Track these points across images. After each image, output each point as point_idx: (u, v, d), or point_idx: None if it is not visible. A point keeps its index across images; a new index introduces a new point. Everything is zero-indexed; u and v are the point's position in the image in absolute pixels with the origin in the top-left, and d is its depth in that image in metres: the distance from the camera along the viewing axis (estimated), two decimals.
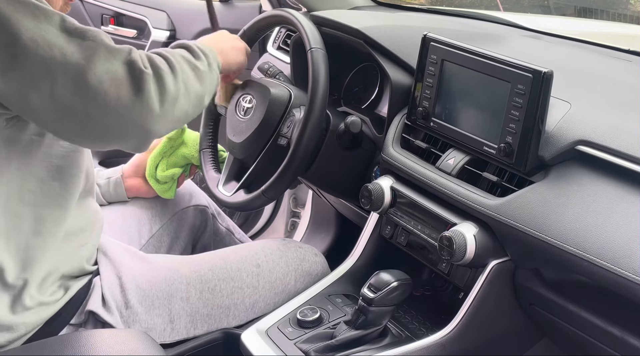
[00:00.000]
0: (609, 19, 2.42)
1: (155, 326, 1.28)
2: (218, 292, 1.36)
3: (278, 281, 1.44)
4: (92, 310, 1.21)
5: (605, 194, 1.07)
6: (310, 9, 1.82)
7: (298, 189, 2.21)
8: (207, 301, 1.34)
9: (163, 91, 1.01)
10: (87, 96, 0.95)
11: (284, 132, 1.47)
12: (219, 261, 1.41)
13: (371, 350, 1.22)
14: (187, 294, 1.32)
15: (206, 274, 1.36)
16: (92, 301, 1.22)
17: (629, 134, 1.10)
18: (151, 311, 1.27)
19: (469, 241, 1.16)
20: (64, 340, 1.11)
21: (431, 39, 1.31)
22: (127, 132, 1.01)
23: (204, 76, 1.13)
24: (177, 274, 1.33)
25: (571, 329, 1.17)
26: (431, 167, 1.31)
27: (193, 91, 1.09)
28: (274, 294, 1.43)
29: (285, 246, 1.52)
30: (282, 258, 1.47)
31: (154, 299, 1.28)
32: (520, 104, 1.13)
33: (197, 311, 1.33)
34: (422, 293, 1.44)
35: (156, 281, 1.30)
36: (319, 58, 1.40)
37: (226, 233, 1.69)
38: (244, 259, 1.43)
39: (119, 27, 2.68)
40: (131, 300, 1.25)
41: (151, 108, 0.99)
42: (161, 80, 1.01)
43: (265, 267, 1.43)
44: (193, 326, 1.32)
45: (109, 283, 1.25)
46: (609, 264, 0.99)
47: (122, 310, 1.24)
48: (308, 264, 1.50)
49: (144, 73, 0.99)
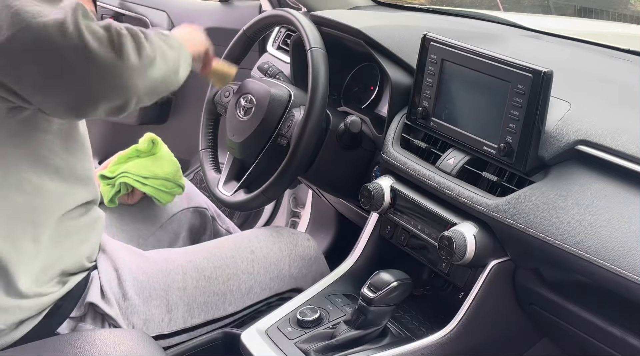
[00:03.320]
0: (609, 19, 2.42)
1: (154, 317, 1.29)
2: (214, 279, 1.38)
3: (272, 266, 1.46)
4: (91, 301, 1.22)
5: (604, 194, 1.07)
6: (310, 9, 1.82)
7: (298, 189, 2.21)
8: (203, 289, 1.36)
9: (140, 47, 1.05)
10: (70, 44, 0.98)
11: (283, 132, 1.47)
12: (214, 250, 1.43)
13: (371, 350, 1.22)
14: (183, 284, 1.34)
15: (201, 263, 1.38)
16: (91, 294, 1.23)
17: (628, 134, 1.10)
18: (149, 302, 1.29)
19: (469, 241, 1.16)
20: (64, 340, 1.11)
21: (431, 39, 1.31)
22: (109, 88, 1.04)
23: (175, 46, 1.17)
24: (173, 264, 1.36)
25: (571, 329, 1.17)
26: (431, 167, 1.31)
27: (169, 55, 1.13)
28: (269, 279, 1.45)
29: (278, 232, 1.54)
30: (276, 244, 1.49)
31: (151, 290, 1.30)
32: (520, 104, 1.13)
33: (194, 299, 1.34)
34: (422, 293, 1.44)
35: (153, 273, 1.32)
36: (319, 58, 1.40)
37: (226, 234, 1.69)
38: (238, 247, 1.45)
39: None
40: (129, 291, 1.27)
41: (130, 61, 1.03)
42: (138, 39, 1.06)
43: (260, 253, 1.45)
44: (190, 315, 1.34)
45: (106, 275, 1.27)
46: (608, 264, 0.99)
47: (121, 301, 1.26)
48: (301, 248, 1.52)
49: (122, 34, 1.03)
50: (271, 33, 1.97)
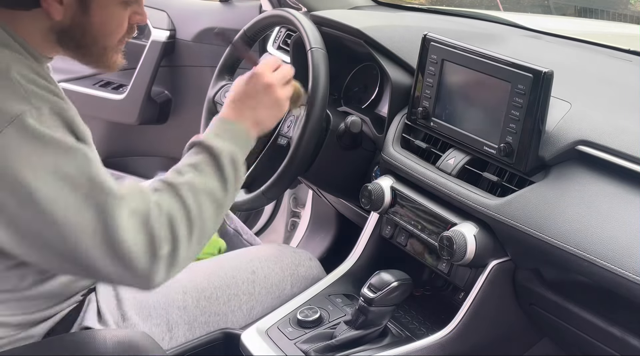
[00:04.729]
0: (609, 19, 2.42)
1: (154, 336, 1.26)
2: (214, 300, 1.35)
3: (274, 287, 1.43)
4: (88, 326, 1.19)
5: (605, 194, 1.07)
6: (310, 9, 1.82)
7: (298, 189, 2.20)
8: (204, 309, 1.33)
9: (173, 264, 0.99)
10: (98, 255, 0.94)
11: (284, 132, 1.47)
12: (214, 269, 1.40)
13: (371, 350, 1.22)
14: (184, 303, 1.31)
15: (202, 283, 1.35)
16: (88, 317, 1.20)
17: (629, 134, 1.10)
18: (149, 321, 1.27)
19: (469, 241, 1.16)
20: (64, 340, 1.11)
21: (431, 39, 1.31)
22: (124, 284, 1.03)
23: (227, 203, 1.08)
24: (172, 283, 1.32)
25: (571, 329, 1.17)
26: (431, 167, 1.31)
27: (211, 230, 1.06)
28: (270, 300, 1.42)
29: (280, 251, 1.51)
30: (277, 264, 1.46)
31: (150, 309, 1.28)
32: (521, 104, 1.13)
33: (195, 319, 1.32)
34: (422, 293, 1.43)
35: (152, 292, 1.30)
36: (319, 58, 1.40)
37: (234, 234, 1.69)
38: (239, 267, 1.42)
39: None
40: (128, 311, 1.25)
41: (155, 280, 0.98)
42: (175, 255, 0.99)
43: (261, 273, 1.43)
44: (191, 333, 1.32)
45: (105, 296, 1.24)
46: (609, 264, 0.99)
47: (120, 322, 1.23)
48: (304, 269, 1.49)
49: (159, 254, 0.96)
50: (271, 33, 1.97)
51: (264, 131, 1.18)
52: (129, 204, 0.95)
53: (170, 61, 2.53)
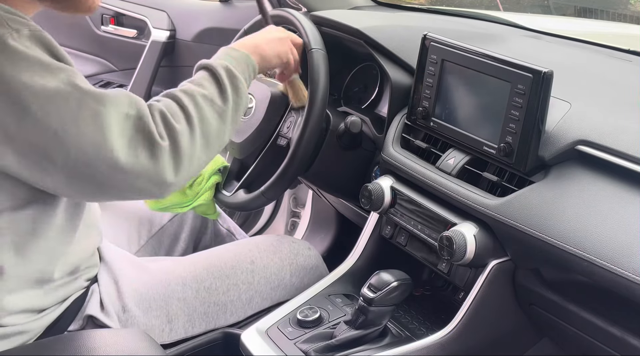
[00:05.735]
0: (609, 19, 2.42)
1: (154, 328, 1.28)
2: (214, 290, 1.36)
3: (273, 276, 1.45)
4: (91, 314, 1.21)
5: (605, 194, 1.07)
6: (310, 9, 1.82)
7: (298, 189, 2.21)
8: (203, 300, 1.35)
9: (178, 160, 1.03)
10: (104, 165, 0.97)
11: (284, 132, 1.47)
12: (213, 260, 1.42)
13: (371, 350, 1.22)
14: (183, 295, 1.33)
15: (201, 274, 1.37)
16: (91, 306, 1.22)
17: (629, 134, 1.10)
18: (149, 313, 1.28)
19: (469, 241, 1.16)
20: (64, 340, 1.11)
21: (431, 39, 1.31)
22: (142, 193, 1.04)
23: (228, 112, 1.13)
24: (172, 275, 1.34)
25: (571, 329, 1.17)
26: (431, 167, 1.31)
27: (214, 138, 1.10)
28: (269, 289, 1.44)
29: (278, 241, 1.53)
30: (276, 254, 1.48)
31: (150, 301, 1.29)
32: (520, 104, 1.13)
33: (195, 310, 1.33)
34: (422, 293, 1.44)
35: (152, 284, 1.31)
36: (319, 59, 1.40)
37: (227, 234, 1.69)
38: (238, 257, 1.44)
39: (119, 27, 2.68)
40: (128, 303, 1.26)
41: (165, 178, 1.02)
42: (177, 149, 1.03)
43: (260, 263, 1.44)
44: (191, 325, 1.33)
45: (106, 288, 1.25)
46: (609, 264, 0.99)
47: (120, 313, 1.25)
48: (302, 258, 1.51)
49: (160, 146, 1.00)
50: None
51: (265, 61, 1.29)
52: (122, 108, 0.99)
53: (170, 61, 2.53)
